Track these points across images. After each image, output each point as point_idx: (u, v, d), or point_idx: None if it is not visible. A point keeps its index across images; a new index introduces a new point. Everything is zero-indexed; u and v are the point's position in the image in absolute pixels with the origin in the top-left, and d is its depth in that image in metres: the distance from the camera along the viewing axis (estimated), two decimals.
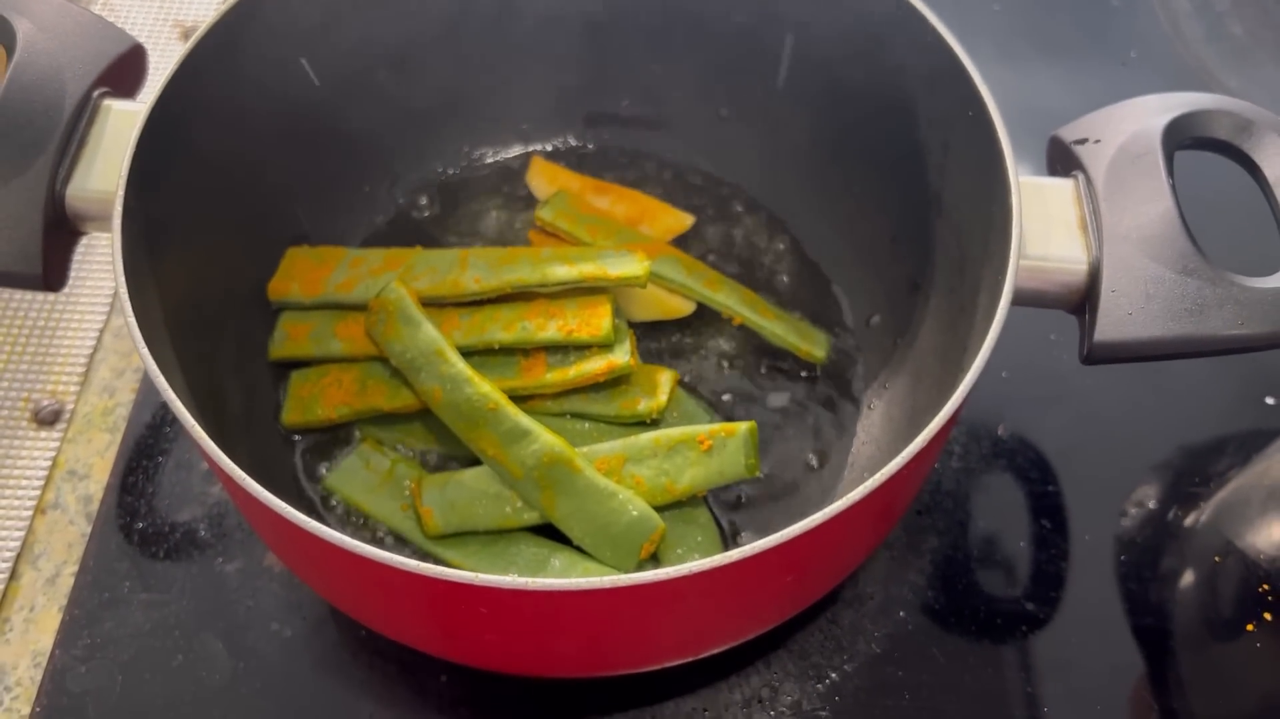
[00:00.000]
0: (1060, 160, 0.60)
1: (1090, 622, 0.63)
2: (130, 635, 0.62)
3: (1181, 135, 0.57)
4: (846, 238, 0.73)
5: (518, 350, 0.65)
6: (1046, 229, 0.56)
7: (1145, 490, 0.68)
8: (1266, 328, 0.52)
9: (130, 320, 0.50)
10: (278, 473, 0.64)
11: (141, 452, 0.69)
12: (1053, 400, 0.71)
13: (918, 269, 0.67)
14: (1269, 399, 0.71)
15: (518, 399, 0.62)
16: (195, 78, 0.59)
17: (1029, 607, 0.64)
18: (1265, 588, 0.64)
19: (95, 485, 0.68)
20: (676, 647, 0.54)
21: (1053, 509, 0.67)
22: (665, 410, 0.64)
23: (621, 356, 0.63)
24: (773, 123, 0.74)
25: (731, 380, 0.69)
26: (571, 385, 0.63)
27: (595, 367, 0.63)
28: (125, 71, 0.61)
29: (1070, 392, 0.71)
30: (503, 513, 0.60)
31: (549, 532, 0.60)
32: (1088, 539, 0.66)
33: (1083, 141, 0.58)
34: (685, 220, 0.74)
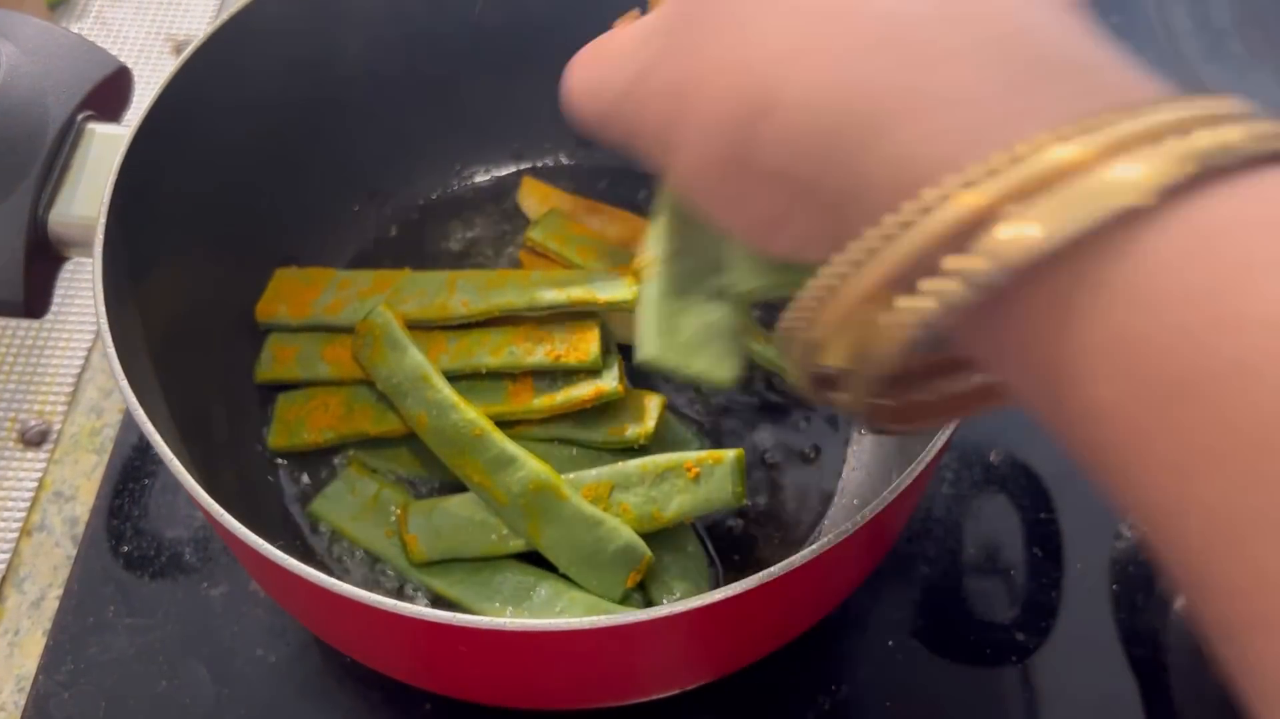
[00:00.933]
0: None
1: (1083, 652, 0.63)
2: (114, 661, 0.62)
3: None
4: None
5: (505, 375, 0.64)
6: None
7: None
8: None
9: (110, 352, 0.49)
10: (265, 497, 0.64)
11: (128, 474, 0.68)
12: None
13: None
14: None
15: (504, 425, 0.62)
16: (179, 102, 0.58)
17: (1020, 636, 0.63)
18: None
19: (81, 507, 0.68)
20: (661, 682, 0.53)
21: (1045, 536, 0.66)
22: (653, 435, 0.63)
23: (610, 383, 0.62)
24: None
25: (720, 403, 0.69)
26: (559, 411, 0.63)
27: (583, 393, 0.62)
28: (110, 94, 0.61)
29: None
30: (488, 540, 0.60)
31: (536, 558, 0.60)
32: (1080, 567, 0.65)
33: None
34: None
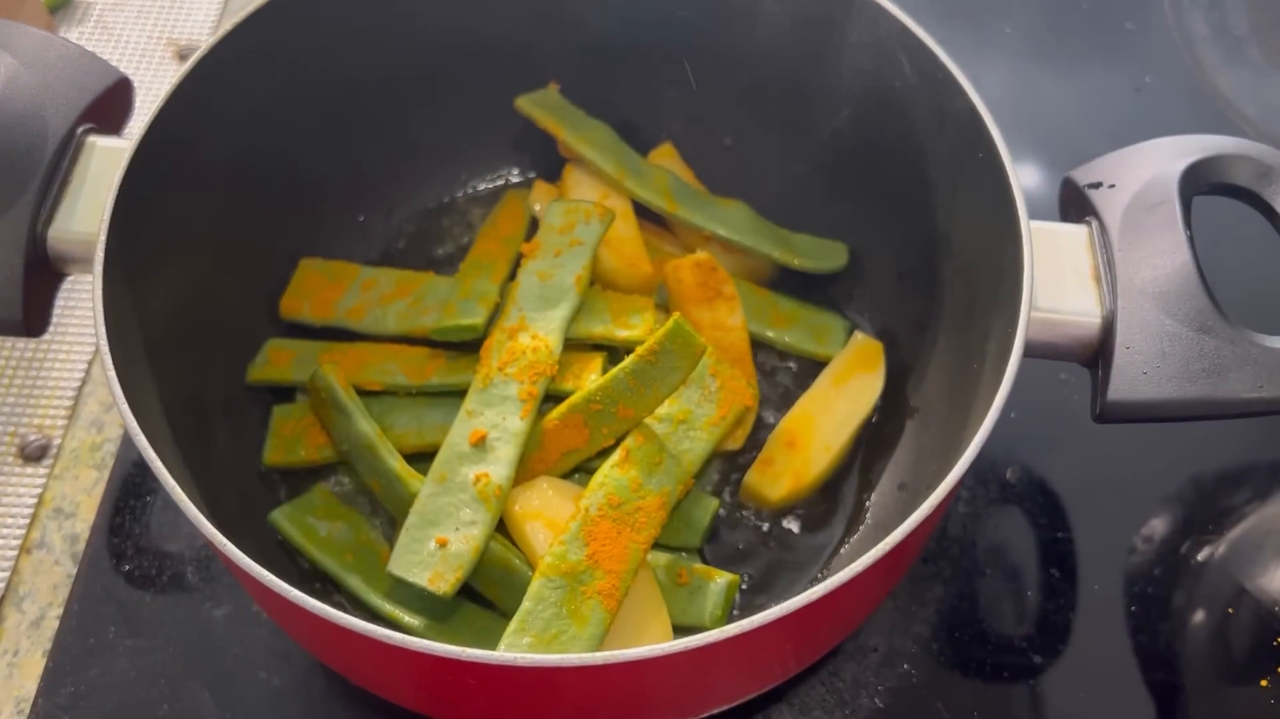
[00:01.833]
0: (1073, 203, 0.58)
1: (1099, 674, 0.62)
2: (115, 684, 0.61)
3: (1199, 181, 0.55)
4: (851, 274, 0.71)
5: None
6: (1059, 279, 0.54)
7: (1156, 537, 0.66)
8: None
9: (110, 375, 0.48)
10: (264, 513, 0.63)
11: (129, 490, 0.67)
12: (1063, 442, 0.69)
13: (925, 309, 0.65)
14: None
15: None
16: (181, 114, 0.57)
17: (1036, 659, 0.62)
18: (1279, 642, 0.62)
19: (82, 524, 0.67)
20: (673, 710, 0.52)
21: (1061, 556, 0.65)
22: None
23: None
24: (777, 154, 0.72)
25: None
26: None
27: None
28: (111, 106, 0.59)
29: (1081, 433, 0.69)
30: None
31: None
32: (1097, 589, 0.64)
33: (1097, 185, 0.57)
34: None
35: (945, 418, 0.61)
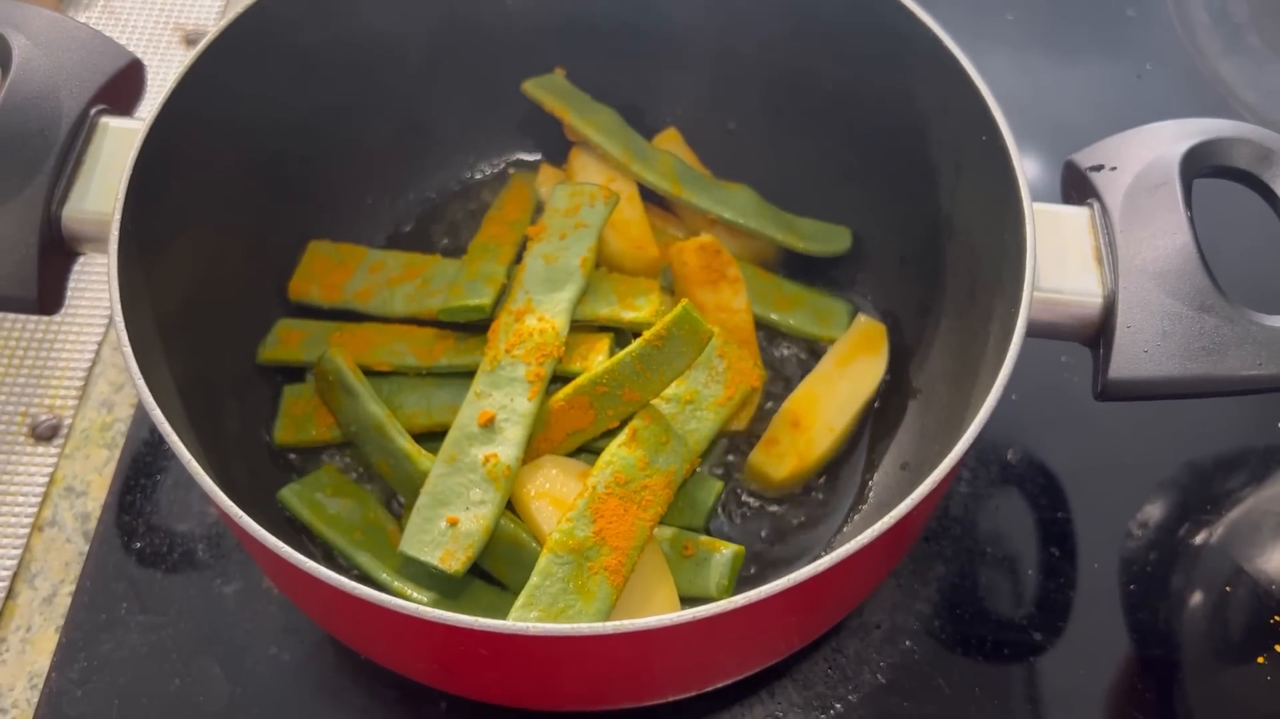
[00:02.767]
0: (1075, 186, 0.59)
1: (1098, 652, 0.63)
2: (127, 658, 0.61)
3: (1200, 164, 0.56)
4: (854, 257, 0.72)
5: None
6: (1061, 260, 0.55)
7: (1155, 518, 0.67)
8: None
9: (126, 351, 0.49)
10: (273, 492, 0.63)
11: (140, 469, 0.68)
12: (1064, 423, 0.70)
13: (927, 291, 0.66)
14: None
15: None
16: (194, 95, 0.58)
17: (1037, 636, 0.63)
18: (1276, 619, 0.63)
19: (93, 503, 0.68)
20: (679, 683, 0.53)
21: (1062, 536, 0.66)
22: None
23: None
24: (780, 138, 0.73)
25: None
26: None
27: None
28: (123, 87, 0.60)
29: (1082, 414, 0.70)
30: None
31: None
32: (1096, 568, 0.65)
33: (1099, 168, 0.57)
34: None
35: (947, 398, 0.62)
